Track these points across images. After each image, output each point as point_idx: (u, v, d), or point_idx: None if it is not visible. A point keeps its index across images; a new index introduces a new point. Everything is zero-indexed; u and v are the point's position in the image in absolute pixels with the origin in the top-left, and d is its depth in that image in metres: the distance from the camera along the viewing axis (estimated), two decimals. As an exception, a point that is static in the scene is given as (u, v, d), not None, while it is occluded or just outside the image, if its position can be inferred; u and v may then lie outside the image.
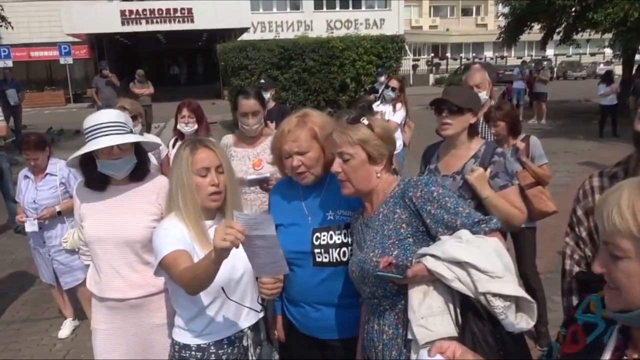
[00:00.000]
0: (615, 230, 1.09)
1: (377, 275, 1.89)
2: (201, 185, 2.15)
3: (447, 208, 1.93)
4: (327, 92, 16.92)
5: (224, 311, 2.18)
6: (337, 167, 2.05)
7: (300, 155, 2.25)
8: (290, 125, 2.29)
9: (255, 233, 1.74)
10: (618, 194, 1.11)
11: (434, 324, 1.77)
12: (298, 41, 17.15)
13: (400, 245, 1.96)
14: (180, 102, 4.49)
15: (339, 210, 2.29)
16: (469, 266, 1.75)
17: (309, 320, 2.33)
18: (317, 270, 2.25)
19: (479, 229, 1.90)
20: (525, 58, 33.58)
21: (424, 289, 1.84)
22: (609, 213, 1.10)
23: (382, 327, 2.02)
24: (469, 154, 2.83)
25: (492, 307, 1.73)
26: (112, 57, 26.72)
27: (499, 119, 3.93)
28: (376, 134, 2.03)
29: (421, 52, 44.89)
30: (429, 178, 2.05)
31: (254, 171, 3.55)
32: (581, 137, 13.45)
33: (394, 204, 2.02)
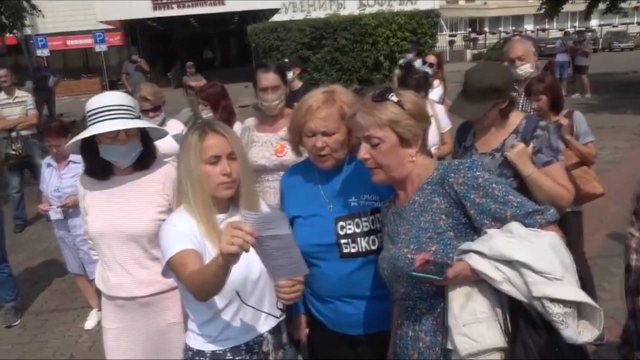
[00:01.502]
0: None
1: (412, 275, 1.63)
2: (212, 175, 1.91)
3: (495, 196, 1.64)
4: (360, 71, 16.60)
5: (240, 315, 1.95)
6: (365, 153, 1.78)
7: (327, 136, 2.02)
8: (317, 100, 2.03)
9: (268, 233, 1.52)
10: None
11: (479, 332, 1.51)
12: (329, 20, 16.85)
13: (439, 240, 1.69)
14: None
15: (363, 195, 2.06)
16: (522, 266, 1.48)
17: (339, 315, 2.12)
18: (345, 262, 2.04)
19: (533, 221, 1.61)
20: (568, 29, 32.30)
21: (466, 291, 1.58)
22: None
23: (418, 333, 1.77)
24: (509, 129, 2.58)
25: (549, 314, 1.45)
26: (146, 43, 26.90)
27: (540, 92, 3.61)
28: (407, 111, 1.75)
29: (457, 27, 43.60)
30: (473, 161, 1.75)
31: (277, 158, 3.34)
32: (629, 112, 12.67)
33: (431, 192, 1.75)
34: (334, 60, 16.37)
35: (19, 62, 25.60)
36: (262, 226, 1.51)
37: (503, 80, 2.54)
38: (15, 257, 5.84)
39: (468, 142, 2.72)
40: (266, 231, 1.51)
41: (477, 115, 2.54)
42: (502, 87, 2.51)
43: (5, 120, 7.07)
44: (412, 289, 1.75)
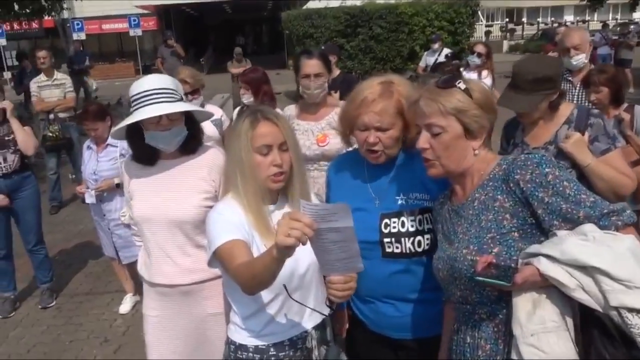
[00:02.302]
0: None
1: (475, 279, 1.52)
2: (262, 165, 1.83)
3: (566, 195, 1.51)
4: (395, 60, 16.36)
5: (285, 310, 1.88)
6: (425, 142, 1.66)
7: (381, 131, 1.89)
8: (373, 92, 1.89)
9: (327, 225, 1.44)
10: None
11: (548, 343, 1.40)
12: (365, 7, 16.64)
13: (503, 241, 1.56)
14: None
15: (412, 194, 1.94)
16: (598, 272, 1.36)
17: (380, 316, 2.02)
18: (387, 262, 1.93)
19: (609, 222, 1.48)
20: (609, 21, 31.31)
21: (533, 297, 1.46)
22: None
23: (478, 340, 1.65)
24: (560, 121, 2.50)
25: (627, 325, 1.33)
26: (179, 28, 27.07)
27: (601, 84, 3.46)
28: (475, 100, 1.63)
29: (495, 18, 42.69)
30: (542, 157, 1.61)
31: (318, 147, 3.27)
32: (675, 108, 12.30)
33: (494, 189, 1.62)
34: (368, 49, 16.13)
35: (56, 45, 26.00)
36: (322, 218, 1.44)
37: (554, 71, 2.46)
38: (51, 239, 5.89)
39: (518, 139, 2.63)
40: (325, 223, 1.44)
41: (529, 107, 2.44)
42: (553, 78, 2.43)
43: (45, 102, 7.14)
44: (471, 292, 1.64)
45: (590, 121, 2.47)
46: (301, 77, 3.31)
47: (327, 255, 1.52)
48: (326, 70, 3.35)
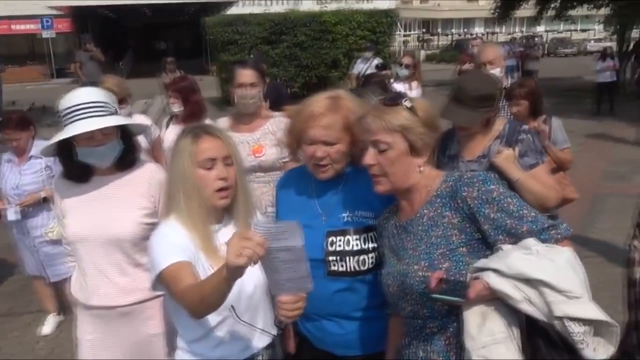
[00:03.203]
0: None
1: (431, 297, 1.56)
2: (206, 179, 1.79)
3: (510, 211, 1.59)
4: (319, 67, 16.53)
5: (234, 332, 1.84)
6: (371, 158, 1.69)
7: (328, 145, 1.89)
8: (320, 106, 1.90)
9: (279, 245, 1.42)
10: None
11: (498, 353, 1.46)
12: (289, 15, 16.72)
13: (452, 256, 1.62)
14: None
15: (358, 211, 1.95)
16: (542, 284, 1.44)
17: (324, 334, 2.01)
18: (331, 280, 1.92)
19: (548, 236, 1.57)
20: (516, 34, 33.26)
21: (482, 310, 1.52)
22: None
23: (430, 354, 1.69)
24: (493, 135, 2.61)
25: (570, 333, 1.41)
26: (96, 31, 26.04)
27: (521, 98, 3.67)
28: (420, 119, 1.67)
29: (411, 28, 44.27)
30: (486, 174, 1.70)
31: (254, 158, 3.24)
32: (577, 116, 13.12)
33: (442, 205, 1.67)
34: (292, 56, 16.22)
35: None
36: (273, 236, 1.42)
37: (495, 89, 2.59)
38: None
39: (453, 151, 2.72)
40: (277, 242, 1.42)
41: (471, 122, 2.55)
42: (494, 96, 2.56)
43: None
44: (422, 307, 1.68)
45: (520, 137, 2.58)
46: (235, 86, 3.28)
47: (277, 274, 1.51)
48: (261, 80, 3.33)
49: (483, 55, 3.86)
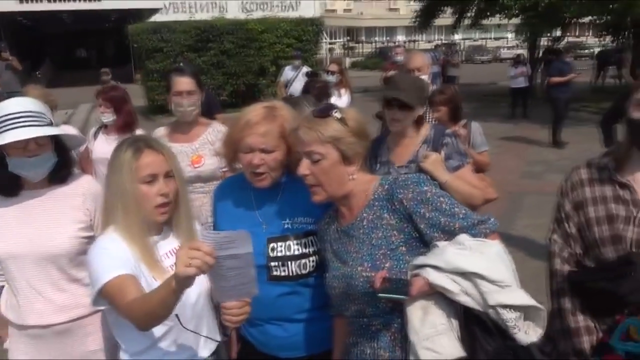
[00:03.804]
0: None
1: (378, 296, 1.64)
2: (147, 195, 1.78)
3: (443, 210, 1.70)
4: (246, 75, 16.54)
5: (180, 340, 1.84)
6: (305, 169, 1.76)
7: (265, 153, 1.93)
8: (257, 115, 1.94)
9: (227, 253, 1.45)
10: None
11: (441, 344, 1.57)
12: (215, 23, 16.62)
13: (393, 256, 1.71)
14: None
15: (297, 218, 2.01)
16: (476, 277, 1.55)
17: (268, 337, 2.05)
18: (273, 285, 1.97)
19: (478, 231, 1.69)
20: (436, 42, 34.56)
21: (423, 304, 1.62)
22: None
23: (376, 350, 1.77)
24: (419, 140, 2.77)
25: (503, 320, 1.54)
26: (10, 39, 24.66)
27: (441, 104, 3.84)
28: (350, 129, 1.75)
29: (336, 36, 45.01)
30: (419, 176, 1.81)
31: (193, 169, 3.21)
32: (494, 119, 13.81)
33: (380, 208, 1.76)
34: (219, 64, 16.14)
35: None
36: (221, 246, 1.45)
37: (426, 86, 2.80)
38: None
39: (384, 157, 2.84)
40: (224, 251, 1.45)
41: (411, 100, 2.67)
42: (426, 92, 2.76)
43: None
44: (367, 306, 1.75)
45: (445, 141, 2.73)
46: (173, 95, 3.24)
47: (223, 282, 1.53)
48: (198, 88, 3.31)
49: (411, 62, 4.01)
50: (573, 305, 1.96)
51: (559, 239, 2.01)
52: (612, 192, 1.90)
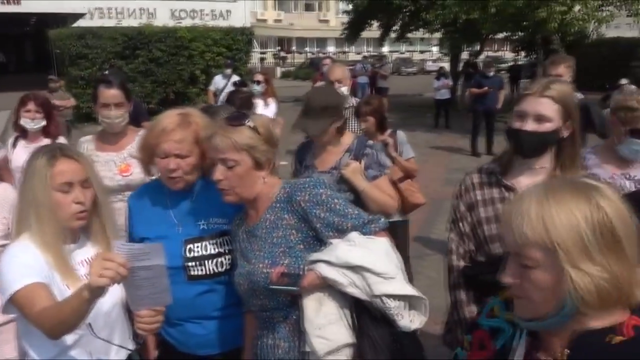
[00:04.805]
0: (526, 242, 1.09)
1: (271, 288, 1.78)
2: (63, 204, 1.77)
3: (337, 210, 1.86)
4: (176, 84, 16.38)
5: (90, 349, 1.84)
6: (220, 174, 1.87)
7: (180, 158, 2.03)
8: (172, 122, 2.03)
9: (140, 264, 1.52)
10: (525, 204, 1.10)
11: (332, 332, 1.73)
12: (143, 30, 16.37)
13: (291, 253, 1.86)
14: (24, 94, 4.01)
15: (212, 219, 2.11)
16: (363, 270, 1.72)
17: (187, 336, 2.13)
18: (192, 285, 2.06)
19: (368, 229, 1.86)
20: (365, 54, 35.39)
21: (318, 297, 1.78)
22: (519, 225, 1.09)
23: (276, 340, 1.91)
24: (343, 149, 2.91)
25: (387, 308, 1.71)
26: None
27: (368, 114, 4.01)
28: (262, 137, 1.89)
29: (268, 45, 45.18)
30: (316, 180, 1.97)
31: (122, 178, 3.23)
32: (420, 129, 14.41)
33: (281, 209, 1.91)
34: (148, 72, 15.89)
35: None
36: (135, 257, 1.50)
37: (338, 101, 2.92)
38: None
39: (308, 162, 3.00)
40: (138, 262, 1.51)
41: (319, 131, 2.83)
42: (338, 106, 2.88)
43: None
44: (269, 300, 1.89)
45: (366, 151, 2.89)
46: (100, 106, 3.23)
47: (137, 291, 1.58)
48: (126, 100, 3.30)
49: (331, 74, 4.21)
50: (467, 297, 2.14)
51: (455, 237, 2.19)
52: (499, 194, 2.10)
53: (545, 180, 1.21)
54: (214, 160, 1.90)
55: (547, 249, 1.07)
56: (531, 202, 1.10)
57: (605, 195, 1.10)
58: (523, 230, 1.09)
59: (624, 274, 1.07)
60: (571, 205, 1.08)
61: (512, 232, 1.11)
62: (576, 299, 1.07)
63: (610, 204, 1.09)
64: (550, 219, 1.07)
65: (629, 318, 1.12)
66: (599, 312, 1.10)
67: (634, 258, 1.09)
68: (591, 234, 1.06)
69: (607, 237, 1.07)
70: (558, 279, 1.07)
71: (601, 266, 1.06)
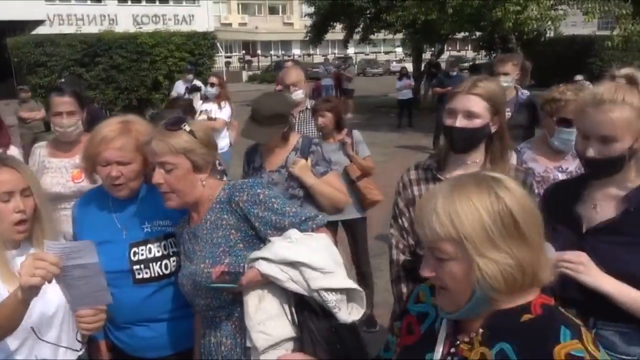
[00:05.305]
0: (438, 236, 1.16)
1: (211, 287, 1.82)
2: (3, 212, 1.79)
3: (275, 209, 1.92)
4: (139, 90, 16.23)
5: (36, 352, 1.84)
6: (159, 178, 1.90)
7: (122, 165, 2.06)
8: (113, 130, 2.06)
9: (73, 263, 1.54)
10: (434, 201, 1.18)
11: (273, 327, 1.77)
12: (103, 36, 16.18)
13: (232, 252, 1.91)
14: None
15: (156, 222, 2.14)
16: (301, 265, 1.77)
17: (136, 340, 2.15)
18: (139, 288, 2.08)
19: (307, 226, 1.92)
20: (330, 56, 35.57)
21: (259, 293, 1.82)
22: (430, 220, 1.17)
23: (220, 338, 1.96)
24: (289, 148, 3.00)
25: (325, 302, 1.76)
26: None
27: (326, 110, 4.08)
28: (200, 140, 1.93)
29: (233, 49, 44.98)
30: (255, 180, 2.04)
31: (74, 184, 3.22)
32: (384, 129, 14.62)
33: (221, 210, 1.96)
34: (110, 79, 15.71)
35: None
36: (67, 255, 1.52)
37: (286, 109, 2.99)
38: None
39: (257, 163, 3.08)
40: (71, 260, 1.53)
41: (267, 139, 2.91)
42: (285, 114, 2.96)
43: None
44: (212, 299, 1.93)
45: (312, 149, 2.98)
46: (52, 115, 3.23)
47: (74, 291, 1.61)
48: (79, 108, 3.29)
49: (287, 78, 4.23)
50: (408, 289, 2.20)
51: (396, 232, 2.27)
52: None
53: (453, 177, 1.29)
54: (154, 165, 1.94)
55: (456, 241, 1.14)
56: (438, 199, 1.17)
57: (505, 186, 1.18)
58: (433, 226, 1.16)
59: (528, 258, 1.15)
60: (473, 198, 1.15)
61: (424, 228, 1.19)
62: (485, 286, 1.14)
63: (509, 194, 1.16)
64: (456, 214, 1.15)
65: (538, 297, 1.20)
66: (510, 296, 1.18)
67: (537, 243, 1.18)
68: (493, 224, 1.14)
69: (508, 225, 1.14)
70: (469, 269, 1.15)
71: (505, 253, 1.14)
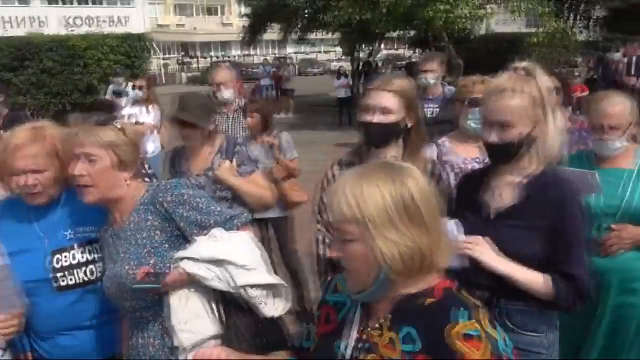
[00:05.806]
0: (344, 218, 1.23)
1: (133, 288, 1.82)
2: None
3: (200, 209, 1.94)
4: (73, 94, 15.73)
5: None
6: (82, 169, 1.87)
7: (38, 173, 1.99)
8: (22, 138, 1.99)
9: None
10: (342, 184, 1.26)
11: (198, 325, 1.81)
12: (32, 39, 15.57)
13: (157, 253, 1.92)
14: None
15: (79, 228, 2.09)
16: (226, 263, 1.82)
17: (60, 349, 2.09)
18: (62, 296, 2.02)
19: (232, 225, 1.96)
20: (269, 57, 35.56)
21: (185, 293, 1.85)
22: (338, 202, 1.24)
23: (147, 339, 1.96)
24: (214, 151, 3.05)
25: (251, 297, 1.82)
26: None
27: (252, 111, 4.17)
28: (128, 138, 1.95)
29: (171, 51, 44.20)
30: (179, 181, 2.06)
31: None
32: (323, 128, 14.75)
33: (145, 211, 1.96)
34: (41, 83, 15.13)
35: None
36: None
37: (212, 105, 3.10)
38: None
39: (183, 167, 3.10)
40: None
41: (199, 121, 2.93)
42: (212, 109, 3.04)
43: None
44: (138, 301, 1.93)
45: (236, 150, 3.04)
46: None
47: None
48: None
49: (215, 77, 4.27)
50: None
51: (322, 227, 2.32)
52: None
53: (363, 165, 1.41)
54: (76, 158, 1.90)
55: (360, 223, 1.22)
56: (347, 183, 1.26)
57: (411, 175, 1.27)
58: (340, 208, 1.24)
59: (426, 242, 1.24)
60: (379, 183, 1.24)
61: (332, 210, 1.27)
62: (385, 266, 1.23)
63: (414, 182, 1.26)
64: (362, 196, 1.23)
65: (440, 282, 1.30)
66: (412, 280, 1.27)
67: (436, 229, 1.28)
68: (395, 208, 1.23)
69: (409, 210, 1.24)
70: (372, 250, 1.23)
71: (405, 235, 1.23)
